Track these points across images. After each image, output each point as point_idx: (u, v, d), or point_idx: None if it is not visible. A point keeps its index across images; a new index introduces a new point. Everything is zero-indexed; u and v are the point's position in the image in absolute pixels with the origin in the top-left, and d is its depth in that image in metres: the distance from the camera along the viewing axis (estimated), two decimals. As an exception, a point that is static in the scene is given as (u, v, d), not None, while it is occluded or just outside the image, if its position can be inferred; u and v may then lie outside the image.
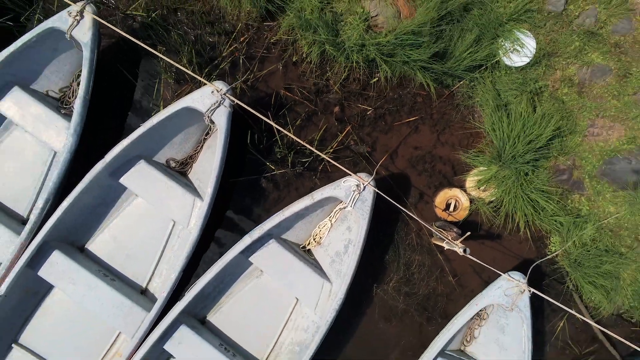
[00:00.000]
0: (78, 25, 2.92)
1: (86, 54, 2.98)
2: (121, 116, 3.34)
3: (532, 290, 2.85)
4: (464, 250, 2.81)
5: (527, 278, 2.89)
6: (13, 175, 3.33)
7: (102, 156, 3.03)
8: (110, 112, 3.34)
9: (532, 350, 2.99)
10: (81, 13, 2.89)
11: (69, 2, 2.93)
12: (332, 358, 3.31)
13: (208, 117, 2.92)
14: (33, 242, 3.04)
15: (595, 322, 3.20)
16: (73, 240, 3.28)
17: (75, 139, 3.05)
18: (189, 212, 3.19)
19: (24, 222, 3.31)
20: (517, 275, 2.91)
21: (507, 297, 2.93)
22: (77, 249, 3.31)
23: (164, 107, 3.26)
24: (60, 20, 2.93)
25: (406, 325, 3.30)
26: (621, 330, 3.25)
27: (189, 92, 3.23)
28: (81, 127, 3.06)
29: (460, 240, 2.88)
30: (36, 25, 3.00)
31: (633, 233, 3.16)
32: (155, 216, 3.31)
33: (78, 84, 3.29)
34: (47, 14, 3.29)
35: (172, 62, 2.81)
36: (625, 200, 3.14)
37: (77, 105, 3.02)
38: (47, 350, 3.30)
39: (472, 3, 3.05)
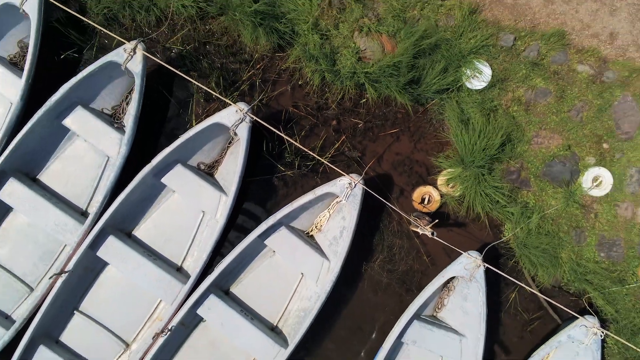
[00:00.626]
0: (131, 59, 3.74)
1: (137, 81, 3.80)
2: (161, 128, 4.16)
3: (487, 265, 3.67)
4: (432, 234, 3.63)
5: (482, 256, 3.70)
6: (74, 177, 4.14)
7: (147, 161, 3.85)
8: (152, 126, 4.16)
9: (487, 313, 3.80)
10: (134, 50, 3.72)
11: (124, 41, 3.75)
12: (330, 322, 4.13)
13: (233, 130, 3.74)
14: (94, 229, 3.86)
15: (540, 293, 4.02)
16: (123, 227, 4.10)
17: (128, 147, 3.87)
18: (216, 205, 4.01)
19: (83, 213, 4.13)
20: (474, 254, 3.73)
21: (466, 270, 3.74)
22: (126, 235, 4.13)
23: (196, 121, 4.08)
24: (117, 55, 3.74)
25: (389, 296, 4.12)
26: (562, 299, 4.06)
27: (215, 110, 4.05)
28: (133, 139, 3.88)
29: (430, 226, 3.71)
30: (95, 58, 3.83)
31: (569, 221, 3.98)
32: (188, 208, 4.13)
33: (127, 103, 4.10)
34: (104, 48, 4.10)
35: (202, 85, 3.63)
36: (562, 196, 3.96)
37: (130, 121, 3.84)
38: (101, 315, 4.11)
39: (441, 40, 3.88)
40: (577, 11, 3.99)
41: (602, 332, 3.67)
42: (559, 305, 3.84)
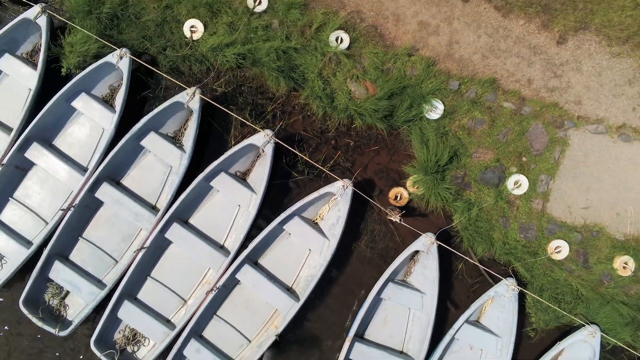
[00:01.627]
0: (191, 100, 5.39)
1: (195, 115, 5.45)
2: (209, 147, 5.81)
3: (439, 242, 5.32)
4: (400, 220, 5.28)
5: (435, 236, 5.34)
6: (147, 181, 5.77)
7: (201, 170, 5.48)
8: (203, 145, 5.80)
9: (440, 278, 5.44)
10: (194, 94, 5.36)
11: (184, 86, 5.40)
12: (329, 284, 5.77)
13: (261, 149, 5.39)
14: (163, 218, 5.50)
15: (479, 264, 5.66)
16: (183, 217, 5.73)
17: (188, 161, 5.51)
18: (248, 201, 5.64)
19: (153, 207, 5.77)
20: (430, 235, 5.35)
21: (425, 246, 5.37)
22: (185, 222, 5.77)
23: (234, 141, 5.73)
24: (181, 97, 5.37)
25: (372, 266, 5.76)
26: (494, 268, 5.67)
27: (248, 133, 5.69)
28: (192, 155, 5.52)
29: (399, 215, 5.36)
30: (164, 98, 5.48)
31: (498, 213, 5.62)
32: (228, 203, 5.75)
33: (185, 129, 5.75)
34: (169, 88, 5.74)
35: (238, 116, 5.28)
36: (493, 194, 5.60)
37: (189, 142, 5.48)
38: (167, 280, 5.74)
39: (408, 86, 5.52)
40: (504, 64, 5.64)
41: (518, 289, 5.33)
42: (492, 272, 5.51)
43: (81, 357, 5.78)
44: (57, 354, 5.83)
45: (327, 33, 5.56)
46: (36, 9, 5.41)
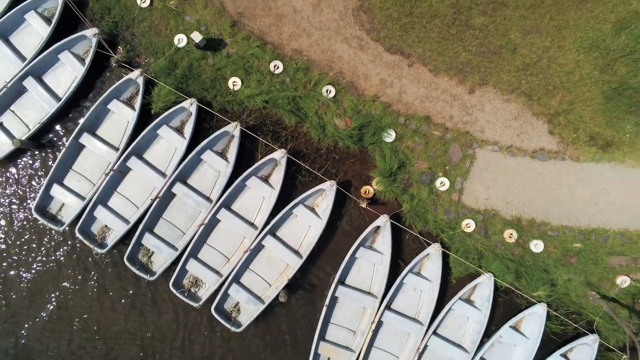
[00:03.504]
0: (234, 130, 8.51)
1: (235, 139, 8.58)
2: (244, 160, 8.93)
3: (391, 220, 8.43)
4: (367, 206, 8.42)
5: (389, 216, 8.45)
6: (204, 181, 8.86)
7: (239, 175, 8.61)
8: (241, 158, 8.93)
9: (392, 244, 8.55)
10: (236, 126, 8.48)
11: (229, 121, 8.54)
12: (321, 247, 8.89)
13: (279, 161, 8.52)
14: (215, 205, 8.63)
15: (420, 235, 8.76)
16: (227, 204, 8.84)
17: (232, 169, 8.64)
18: (269, 194, 8.74)
19: (207, 198, 8.88)
20: (385, 216, 8.47)
21: (382, 223, 8.49)
22: (228, 208, 8.87)
23: (261, 156, 8.85)
24: (228, 128, 8.51)
25: (350, 237, 8.86)
26: (429, 238, 8.80)
27: (269, 151, 8.79)
28: (234, 164, 8.65)
29: (366, 204, 8.48)
30: (216, 128, 8.61)
31: (431, 202, 8.73)
32: (257, 195, 8.86)
33: (229, 147, 8.85)
34: (220, 121, 8.87)
35: (262, 139, 8.42)
36: (427, 190, 8.71)
37: (232, 157, 8.61)
38: (217, 245, 8.83)
39: (372, 121, 8.65)
40: (435, 106, 8.75)
41: (442, 250, 8.45)
42: (427, 240, 8.64)
43: (165, 296, 8.91)
44: (149, 294, 8.95)
45: (320, 87, 8.71)
46: (136, 72, 8.56)
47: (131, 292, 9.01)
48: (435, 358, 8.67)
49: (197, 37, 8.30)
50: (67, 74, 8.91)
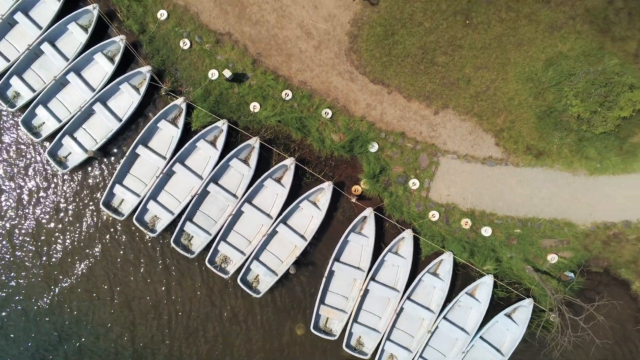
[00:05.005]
0: (255, 143, 11.20)
1: (255, 150, 11.27)
2: (262, 166, 11.63)
3: (375, 212, 11.12)
4: (356, 201, 11.11)
5: (373, 209, 11.12)
6: (231, 182, 11.55)
7: (258, 177, 11.31)
8: (260, 164, 11.62)
9: (376, 231, 11.21)
10: (256, 141, 11.18)
11: (250, 136, 11.24)
12: (322, 232, 11.59)
13: (289, 166, 11.22)
14: (240, 201, 11.33)
15: (397, 224, 11.43)
16: (249, 200, 11.54)
17: (252, 172, 11.34)
18: (282, 192, 11.44)
19: (234, 195, 11.57)
20: (370, 208, 11.15)
21: (368, 214, 11.17)
22: (250, 202, 11.56)
23: (275, 163, 11.52)
24: (250, 141, 11.20)
25: (343, 225, 11.51)
26: (405, 225, 11.47)
27: (281, 159, 11.48)
28: (254, 169, 11.34)
29: (355, 199, 11.17)
30: (241, 142, 11.31)
31: (405, 198, 11.40)
32: (272, 193, 11.55)
33: (250, 156, 11.54)
34: (243, 137, 11.57)
35: (276, 150, 11.11)
36: (402, 189, 11.38)
37: (253, 163, 11.30)
38: (242, 231, 11.54)
39: (360, 136, 11.33)
40: (408, 124, 11.42)
41: (413, 234, 11.13)
42: (402, 227, 11.31)
43: (204, 268, 11.60)
44: (184, 277, 11.64)
45: (320, 110, 11.39)
46: (180, 99, 11.26)
47: (174, 267, 11.72)
48: (409, 317, 11.32)
49: (227, 73, 11.01)
50: (126, 100, 11.63)
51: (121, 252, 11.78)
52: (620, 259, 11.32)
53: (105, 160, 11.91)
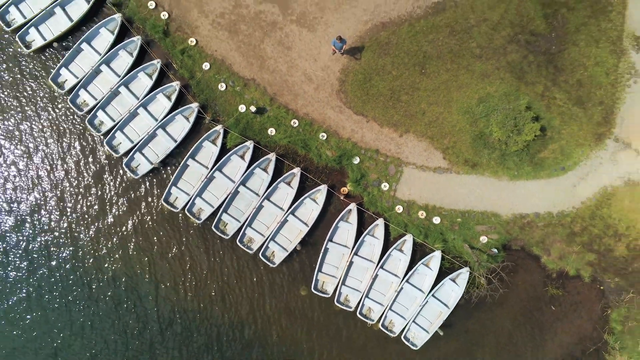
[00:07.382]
0: (272, 157, 15.82)
1: (272, 162, 15.89)
2: (276, 173, 16.26)
3: (358, 206, 15.72)
4: (344, 198, 15.73)
5: (356, 204, 15.71)
6: (254, 185, 16.17)
7: (275, 180, 15.93)
8: (278, 172, 16.25)
9: (358, 220, 15.80)
10: (273, 154, 15.78)
11: (269, 152, 15.87)
12: (319, 224, 16.20)
13: (296, 174, 15.83)
14: (260, 198, 15.95)
15: (374, 214, 16.02)
16: (268, 197, 16.15)
17: (270, 177, 15.95)
18: (291, 192, 16.04)
19: (257, 194, 16.18)
20: (354, 203, 15.73)
21: (352, 207, 15.76)
22: (269, 199, 16.17)
23: (285, 171, 16.13)
24: (269, 156, 15.82)
25: (335, 216, 16.10)
26: (381, 217, 16.08)
27: (290, 168, 16.09)
28: (271, 176, 15.95)
29: (343, 197, 15.79)
30: (261, 157, 15.95)
31: (378, 195, 16.00)
32: (284, 193, 16.14)
33: (269, 165, 16.14)
34: (264, 153, 16.19)
35: (286, 161, 15.73)
36: (376, 189, 15.99)
37: (270, 171, 15.90)
38: (262, 219, 16.18)
39: (346, 152, 15.94)
40: (381, 144, 16.02)
41: (384, 222, 15.76)
42: (377, 217, 15.92)
43: (234, 246, 16.24)
44: (221, 252, 16.28)
45: (318, 133, 16.00)
46: (219, 126, 15.90)
47: (214, 245, 16.36)
48: (381, 282, 15.90)
49: (252, 108, 15.65)
50: (180, 126, 16.27)
51: (178, 236, 16.42)
52: (532, 240, 15.88)
53: (164, 169, 16.56)
